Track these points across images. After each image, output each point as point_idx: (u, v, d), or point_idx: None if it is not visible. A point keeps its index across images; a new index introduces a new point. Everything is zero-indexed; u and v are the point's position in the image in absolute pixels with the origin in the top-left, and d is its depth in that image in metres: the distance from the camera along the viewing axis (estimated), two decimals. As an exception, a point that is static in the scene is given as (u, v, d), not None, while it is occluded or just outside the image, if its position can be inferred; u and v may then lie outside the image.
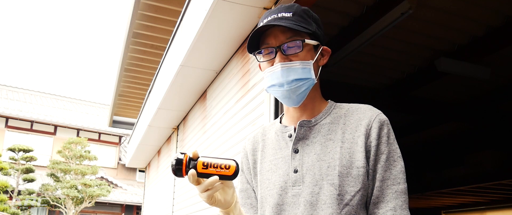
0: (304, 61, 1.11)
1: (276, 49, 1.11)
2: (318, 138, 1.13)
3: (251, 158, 1.26)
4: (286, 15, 1.12)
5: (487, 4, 3.65)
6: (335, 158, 1.08)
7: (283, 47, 1.11)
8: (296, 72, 1.10)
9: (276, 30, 1.12)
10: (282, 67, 1.09)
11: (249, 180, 1.27)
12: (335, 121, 1.14)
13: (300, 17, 1.13)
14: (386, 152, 1.09)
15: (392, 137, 1.12)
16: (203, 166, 1.00)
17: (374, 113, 1.14)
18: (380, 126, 1.11)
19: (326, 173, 1.08)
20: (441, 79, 4.65)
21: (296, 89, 1.10)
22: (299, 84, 1.10)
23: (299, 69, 1.10)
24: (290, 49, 1.11)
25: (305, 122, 1.15)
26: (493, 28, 3.94)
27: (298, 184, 1.10)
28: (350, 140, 1.10)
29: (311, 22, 1.14)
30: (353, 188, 1.06)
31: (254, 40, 1.15)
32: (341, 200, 1.05)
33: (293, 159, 1.13)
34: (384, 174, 1.08)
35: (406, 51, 4.35)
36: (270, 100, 2.87)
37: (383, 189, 1.08)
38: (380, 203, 1.08)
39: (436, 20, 3.83)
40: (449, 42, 4.20)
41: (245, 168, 1.28)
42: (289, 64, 1.10)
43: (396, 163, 1.10)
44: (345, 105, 1.19)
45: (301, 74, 1.10)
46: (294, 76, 1.10)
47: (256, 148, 1.26)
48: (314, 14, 1.18)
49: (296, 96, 1.12)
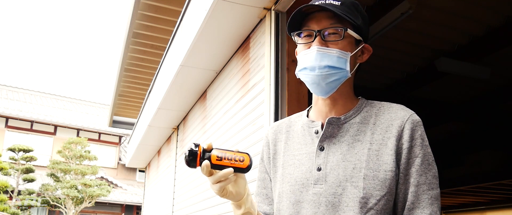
0: (342, 51, 1.07)
1: (316, 33, 1.07)
2: (346, 137, 1.09)
3: (272, 148, 1.22)
4: (334, 2, 1.08)
5: (487, 4, 3.65)
6: (362, 159, 1.04)
7: (324, 33, 1.07)
8: (331, 59, 1.06)
9: (320, 14, 1.09)
10: (318, 51, 1.06)
11: (268, 169, 1.23)
12: (365, 121, 1.10)
13: (348, 8, 1.08)
14: (420, 155, 1.05)
15: (426, 139, 1.07)
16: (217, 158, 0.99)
17: (407, 113, 1.09)
18: (413, 127, 1.06)
19: (351, 175, 1.04)
20: (441, 79, 4.65)
21: (327, 76, 1.06)
22: (331, 72, 1.06)
23: (335, 57, 1.06)
24: (331, 35, 1.07)
25: (334, 119, 1.10)
26: (493, 28, 3.94)
27: (320, 182, 1.06)
28: (379, 141, 1.06)
29: (358, 16, 1.10)
30: (379, 192, 1.02)
31: (296, 21, 1.10)
32: (365, 203, 1.01)
33: (317, 156, 1.09)
34: (420, 178, 1.04)
35: (406, 51, 4.35)
36: (270, 100, 2.87)
37: (419, 195, 1.03)
38: (416, 209, 1.03)
39: (436, 20, 3.83)
40: (449, 42, 4.20)
41: (265, 157, 1.24)
42: (326, 50, 1.06)
43: (431, 167, 1.06)
44: (376, 104, 1.14)
45: (335, 63, 1.06)
46: (328, 63, 1.05)
47: (279, 138, 1.21)
48: (363, 10, 1.14)
49: (326, 84, 1.07)
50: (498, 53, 4.21)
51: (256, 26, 3.33)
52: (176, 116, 5.46)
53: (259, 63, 3.20)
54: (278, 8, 2.96)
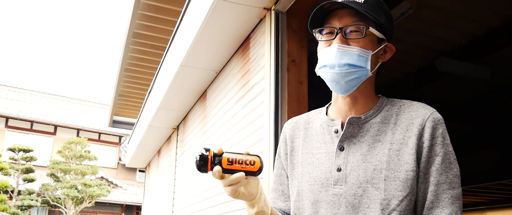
0: (363, 49, 1.05)
1: (338, 31, 1.06)
2: (366, 137, 1.07)
3: (289, 144, 1.20)
4: (357, 0, 1.06)
5: (487, 4, 3.65)
6: (383, 160, 1.03)
7: (346, 30, 1.06)
8: (351, 57, 1.04)
9: (342, 12, 1.07)
10: (338, 48, 1.04)
11: (284, 165, 1.22)
12: (386, 121, 1.08)
13: (371, 6, 1.07)
14: (441, 153, 1.03)
15: (447, 138, 1.06)
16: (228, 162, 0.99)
17: (428, 111, 1.07)
18: (434, 126, 1.05)
19: (372, 176, 1.02)
20: (441, 79, 4.65)
21: (347, 74, 1.04)
22: (351, 71, 1.04)
23: (355, 55, 1.04)
24: (352, 33, 1.06)
25: (355, 119, 1.09)
26: (493, 28, 3.94)
27: (340, 183, 1.05)
28: (399, 141, 1.04)
29: (381, 14, 1.09)
30: (401, 193, 1.01)
31: (317, 17, 1.09)
32: (387, 204, 1.00)
33: (337, 156, 1.08)
34: (440, 177, 1.02)
35: (406, 51, 4.35)
36: (270, 100, 2.87)
37: (439, 194, 1.02)
38: (435, 209, 1.02)
39: (436, 20, 3.83)
40: (449, 42, 4.20)
41: (282, 153, 1.22)
42: (346, 48, 1.04)
43: (452, 166, 1.04)
44: (397, 102, 1.13)
45: (356, 61, 1.04)
46: (348, 61, 1.04)
47: (297, 135, 1.20)
48: (387, 9, 1.12)
49: (345, 82, 1.06)
50: (498, 53, 4.21)
51: (256, 26, 3.33)
52: (176, 116, 5.46)
53: (259, 63, 3.20)
54: (278, 8, 2.96)
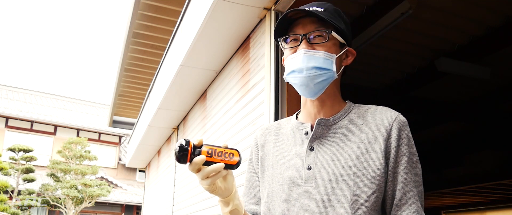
0: (328, 52, 1.11)
1: (302, 37, 1.12)
2: (335, 138, 1.12)
3: (260, 149, 1.25)
4: (317, 9, 1.13)
5: (487, 4, 3.65)
6: (352, 158, 1.08)
7: (310, 36, 1.12)
8: (317, 60, 1.10)
9: (305, 20, 1.14)
10: (305, 53, 1.10)
11: (256, 169, 1.26)
12: (353, 122, 1.14)
13: (331, 14, 1.14)
14: (407, 154, 1.10)
15: (412, 139, 1.12)
16: (208, 154, 0.99)
17: (394, 114, 1.14)
18: (400, 127, 1.11)
19: (341, 173, 1.07)
20: (441, 79, 4.65)
21: (315, 77, 1.10)
22: (319, 73, 1.10)
23: (321, 58, 1.10)
24: (316, 38, 1.12)
25: (323, 121, 1.14)
26: (493, 28, 3.94)
27: (311, 181, 1.09)
28: (367, 140, 1.10)
29: (340, 21, 1.15)
30: (369, 189, 1.06)
31: (282, 27, 1.16)
32: (356, 200, 1.05)
33: (307, 156, 1.12)
34: (407, 176, 1.09)
35: (406, 51, 4.35)
36: (270, 100, 2.87)
37: (406, 191, 1.08)
38: (403, 205, 1.08)
39: (436, 20, 3.83)
40: (449, 42, 4.20)
41: (253, 157, 1.27)
42: (312, 52, 1.10)
43: (415, 166, 1.11)
44: (363, 106, 1.19)
45: (322, 64, 1.10)
46: (315, 64, 1.10)
47: (268, 139, 1.25)
48: (345, 17, 1.20)
49: (314, 85, 1.11)
50: (498, 53, 4.21)
51: (256, 26, 3.33)
52: (176, 116, 5.46)
53: (259, 63, 3.20)
54: (278, 8, 2.96)
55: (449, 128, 6.37)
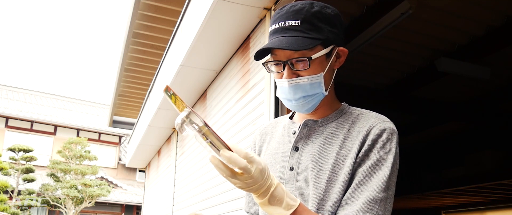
0: (312, 75, 1.06)
1: (285, 64, 1.07)
2: (319, 139, 1.11)
3: (257, 149, 1.27)
4: (293, 24, 1.05)
5: (487, 4, 3.65)
6: (329, 163, 1.06)
7: (291, 61, 1.06)
8: (303, 89, 1.07)
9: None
10: (289, 84, 1.07)
11: None
12: (340, 126, 1.11)
13: (309, 24, 1.05)
14: (374, 159, 1.03)
15: (388, 146, 1.04)
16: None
17: (377, 120, 1.08)
18: (379, 133, 1.05)
19: (317, 176, 1.05)
20: (441, 79, 4.65)
21: (304, 105, 1.10)
22: (307, 101, 1.09)
23: (307, 86, 1.07)
24: (299, 63, 1.06)
25: (311, 122, 1.14)
26: (493, 28, 3.94)
27: (291, 182, 1.10)
28: (348, 147, 1.07)
29: (321, 27, 1.06)
30: (337, 195, 1.03)
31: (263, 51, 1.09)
32: (322, 205, 1.03)
33: (291, 156, 1.12)
34: (363, 179, 1.01)
35: (406, 51, 4.35)
36: (270, 100, 2.87)
37: (355, 193, 1.00)
38: (346, 206, 1.00)
39: (436, 20, 3.83)
40: (449, 42, 4.20)
41: None
42: (296, 81, 1.06)
43: (378, 171, 1.02)
44: (357, 111, 1.15)
45: (308, 91, 1.07)
46: (301, 94, 1.07)
47: (265, 140, 1.26)
48: (327, 11, 1.09)
49: (305, 110, 1.11)
50: (498, 53, 4.21)
51: (256, 26, 3.33)
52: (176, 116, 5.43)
53: (259, 63, 3.20)
54: (278, 8, 2.96)
55: (449, 128, 6.37)
